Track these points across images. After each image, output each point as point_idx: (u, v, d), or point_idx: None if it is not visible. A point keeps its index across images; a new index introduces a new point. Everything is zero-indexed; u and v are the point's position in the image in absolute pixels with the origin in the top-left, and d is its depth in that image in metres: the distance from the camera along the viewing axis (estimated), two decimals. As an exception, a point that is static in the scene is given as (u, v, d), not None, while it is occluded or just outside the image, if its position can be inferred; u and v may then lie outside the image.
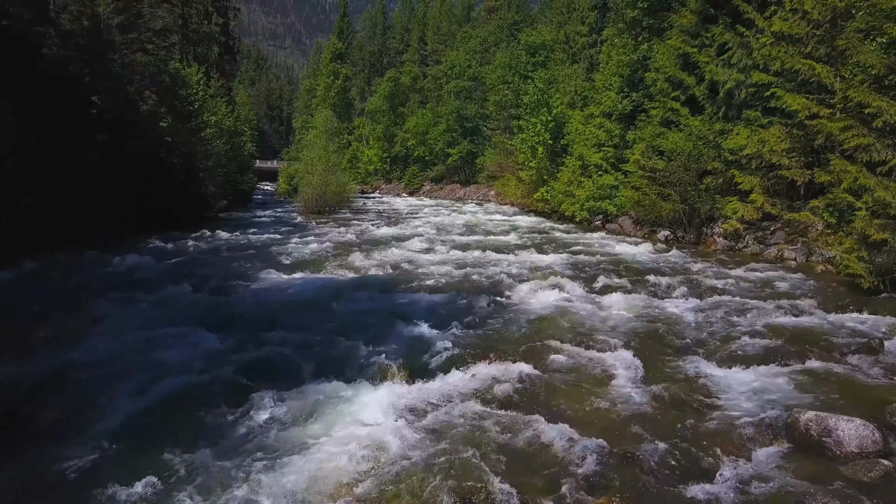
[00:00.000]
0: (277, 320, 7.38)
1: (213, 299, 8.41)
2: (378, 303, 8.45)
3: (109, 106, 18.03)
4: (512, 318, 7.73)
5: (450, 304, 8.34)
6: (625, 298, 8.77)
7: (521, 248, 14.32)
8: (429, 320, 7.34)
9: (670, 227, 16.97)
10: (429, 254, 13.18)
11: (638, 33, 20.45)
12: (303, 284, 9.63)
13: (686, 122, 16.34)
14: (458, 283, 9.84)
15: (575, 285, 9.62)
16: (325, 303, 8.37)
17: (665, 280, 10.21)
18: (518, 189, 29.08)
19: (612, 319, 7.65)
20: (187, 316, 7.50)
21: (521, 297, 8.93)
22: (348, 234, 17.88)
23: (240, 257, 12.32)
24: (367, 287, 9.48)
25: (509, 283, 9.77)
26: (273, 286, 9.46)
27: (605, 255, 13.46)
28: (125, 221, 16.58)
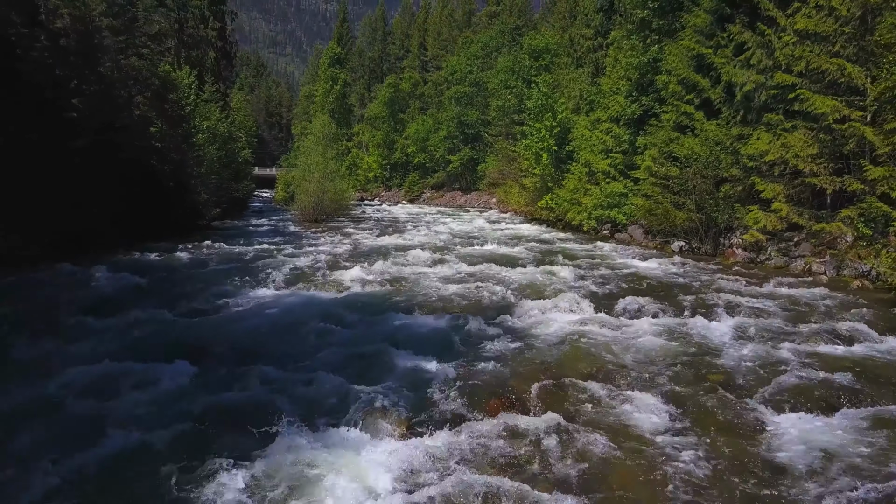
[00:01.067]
0: (257, 349, 6.45)
1: (186, 323, 7.48)
2: (373, 326, 7.52)
3: (95, 111, 17.22)
4: (524, 346, 6.80)
5: (453, 328, 7.42)
6: (648, 322, 7.84)
7: (528, 261, 13.40)
8: (430, 349, 6.41)
9: (685, 237, 16.05)
10: (429, 267, 12.27)
11: (647, 35, 19.63)
12: (290, 304, 8.70)
13: (701, 127, 15.47)
14: (461, 302, 8.92)
15: (591, 305, 8.69)
16: (314, 327, 7.43)
17: (689, 298, 9.29)
18: (521, 196, 28.22)
19: (638, 348, 6.72)
20: (154, 345, 6.57)
21: (533, 320, 7.99)
22: (344, 244, 16.98)
23: (225, 272, 11.40)
24: (361, 307, 8.55)
25: (518, 303, 8.84)
26: (257, 306, 8.54)
27: (619, 268, 12.54)
28: (110, 232, 15.69)
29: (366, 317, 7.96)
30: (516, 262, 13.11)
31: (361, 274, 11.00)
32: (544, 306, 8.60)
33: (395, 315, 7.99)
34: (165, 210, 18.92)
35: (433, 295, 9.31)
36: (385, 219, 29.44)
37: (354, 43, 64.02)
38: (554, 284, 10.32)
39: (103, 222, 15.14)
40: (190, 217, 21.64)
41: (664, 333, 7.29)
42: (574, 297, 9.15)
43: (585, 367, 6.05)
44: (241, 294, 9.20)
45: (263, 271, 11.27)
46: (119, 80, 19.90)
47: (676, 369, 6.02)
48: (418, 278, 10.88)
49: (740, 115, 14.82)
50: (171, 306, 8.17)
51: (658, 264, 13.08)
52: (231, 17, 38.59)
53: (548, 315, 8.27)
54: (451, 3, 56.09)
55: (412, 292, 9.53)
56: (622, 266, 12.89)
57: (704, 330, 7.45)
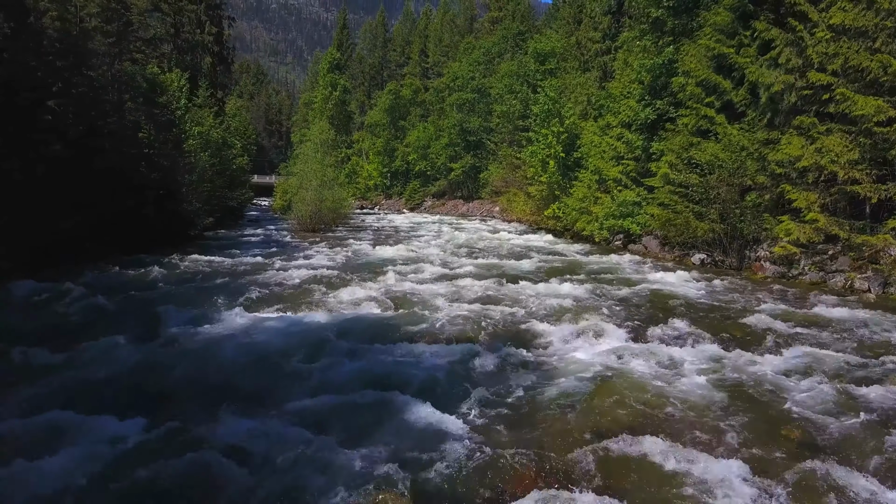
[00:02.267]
0: (227, 394, 5.35)
1: (148, 358, 6.36)
2: (369, 360, 6.40)
3: (78, 115, 16.23)
4: (549, 387, 5.68)
5: (464, 363, 6.30)
6: (690, 353, 6.72)
7: (541, 276, 12.30)
8: (437, 393, 5.31)
9: (706, 249, 14.96)
10: (432, 283, 11.16)
11: (660, 36, 18.66)
12: (273, 331, 7.59)
13: (724, 131, 14.43)
14: (470, 327, 7.80)
15: (620, 331, 7.58)
16: (298, 361, 6.33)
17: (728, 322, 8.19)
18: (527, 205, 27.15)
19: (687, 389, 5.60)
20: (105, 387, 5.47)
21: (555, 350, 6.88)
22: (341, 256, 15.88)
23: (206, 289, 10.29)
24: (355, 334, 7.43)
25: (536, 328, 7.73)
26: (235, 333, 7.42)
27: (640, 284, 11.43)
28: (89, 244, 14.61)
29: (360, 347, 6.84)
30: (528, 278, 12.00)
31: (357, 292, 9.89)
32: (566, 333, 7.49)
33: (395, 345, 6.87)
34: (153, 220, 17.86)
35: (438, 318, 8.19)
36: (385, 228, 28.37)
37: (354, 50, 63.29)
38: (573, 305, 9.21)
39: (81, 234, 14.07)
40: (180, 227, 20.57)
41: (711, 369, 6.17)
42: (598, 321, 8.06)
43: (630, 416, 4.94)
44: (218, 318, 8.08)
45: (249, 289, 10.17)
46: (108, 83, 18.97)
47: (740, 420, 4.90)
48: (420, 297, 9.77)
49: (767, 118, 13.77)
50: (134, 335, 7.05)
51: (682, 280, 11.97)
52: (228, 22, 37.76)
53: (572, 344, 7.16)
54: (453, 9, 55.40)
55: (414, 315, 8.42)
56: (643, 282, 11.78)
57: (757, 364, 6.34)
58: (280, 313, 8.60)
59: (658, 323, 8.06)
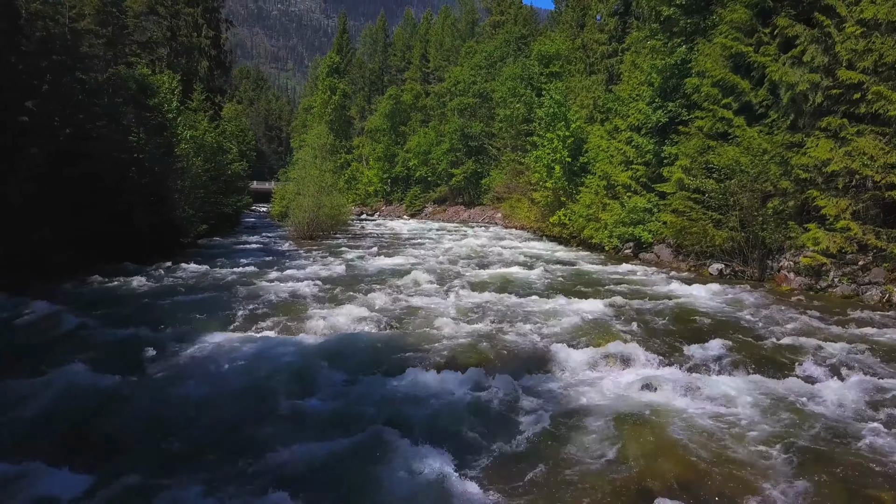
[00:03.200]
0: (193, 439, 4.49)
1: (108, 387, 5.49)
2: (363, 394, 5.54)
3: (64, 120, 15.45)
4: (575, 429, 4.82)
5: (471, 395, 5.44)
6: (733, 382, 5.87)
7: (551, 289, 11.43)
8: (443, 438, 4.45)
9: (725, 258, 14.10)
10: (434, 297, 10.30)
11: (671, 36, 17.90)
12: (258, 353, 6.73)
13: (742, 134, 13.62)
14: (478, 350, 6.94)
15: (648, 354, 6.72)
16: (282, 395, 5.47)
17: (767, 343, 7.32)
18: (531, 212, 26.34)
19: (740, 429, 4.74)
20: (48, 424, 4.62)
21: (577, 380, 6.02)
22: (338, 266, 15.02)
23: (190, 303, 9.45)
24: (349, 359, 6.57)
25: (553, 352, 6.86)
26: (213, 358, 6.56)
27: (660, 297, 10.57)
28: (69, 253, 13.77)
29: (354, 377, 5.98)
30: (537, 290, 11.15)
31: (353, 308, 9.03)
32: (587, 358, 6.62)
33: (393, 374, 6.01)
34: (142, 227, 17.03)
35: (441, 339, 7.33)
36: (385, 235, 27.55)
37: (354, 55, 62.69)
38: (590, 322, 8.35)
39: (60, 244, 13.24)
40: (172, 235, 19.75)
41: (764, 405, 5.31)
42: (622, 342, 7.19)
43: (678, 470, 4.07)
44: (196, 339, 7.22)
45: (234, 304, 9.31)
46: (100, 87, 18.15)
47: (812, 476, 4.03)
48: (422, 314, 8.91)
49: (789, 119, 12.96)
50: (95, 361, 6.18)
51: (703, 292, 11.10)
52: (226, 26, 37.10)
53: (595, 372, 6.29)
54: (454, 13, 54.84)
55: (415, 336, 7.55)
56: (662, 294, 10.92)
57: (816, 397, 5.47)
58: (266, 333, 7.74)
59: (689, 344, 7.20)
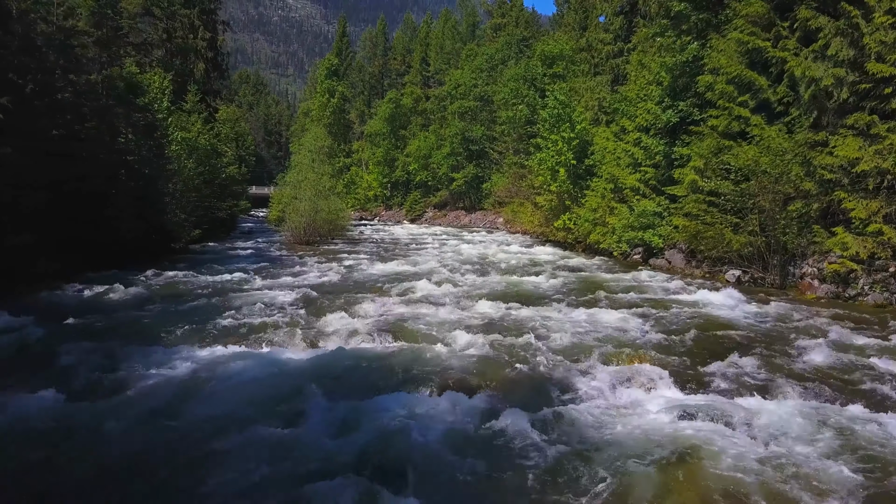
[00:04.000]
0: (136, 487, 3.69)
1: (60, 416, 4.72)
2: (354, 424, 4.76)
3: (46, 121, 14.73)
4: (602, 470, 4.04)
5: (479, 426, 4.67)
6: (778, 410, 5.09)
7: (560, 297, 10.66)
8: (447, 485, 3.65)
9: (743, 265, 13.34)
10: (435, 307, 9.53)
11: (681, 33, 17.21)
12: (239, 372, 5.96)
13: (761, 133, 12.89)
14: (484, 369, 6.16)
15: (678, 375, 5.95)
16: (256, 423, 4.70)
17: (808, 361, 6.55)
18: (534, 216, 25.58)
19: (796, 470, 3.97)
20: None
21: (598, 406, 5.24)
22: (334, 272, 14.27)
23: (168, 315, 8.68)
24: (340, 379, 5.81)
25: (568, 371, 6.09)
26: (188, 378, 5.79)
27: (678, 307, 9.79)
28: (52, 259, 13.02)
29: (345, 401, 5.21)
30: (546, 299, 10.38)
31: (348, 319, 8.26)
32: (607, 379, 5.85)
33: (389, 398, 5.24)
34: (131, 232, 16.29)
35: (444, 356, 6.55)
36: (384, 240, 26.80)
37: (354, 58, 62.15)
38: (606, 336, 7.57)
39: (39, 250, 12.49)
40: (162, 239, 19.01)
41: (823, 437, 4.53)
42: (643, 359, 6.43)
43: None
44: (171, 356, 6.45)
45: (219, 314, 8.54)
46: (90, 87, 17.44)
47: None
48: (422, 326, 8.14)
49: (812, 117, 12.23)
50: (50, 383, 5.39)
51: (724, 301, 10.32)
52: (223, 28, 36.54)
53: (618, 396, 5.52)
54: (455, 16, 54.33)
55: (414, 352, 6.78)
56: (680, 304, 10.14)
57: (881, 426, 4.69)
58: (246, 349, 6.96)
59: (721, 362, 6.42)
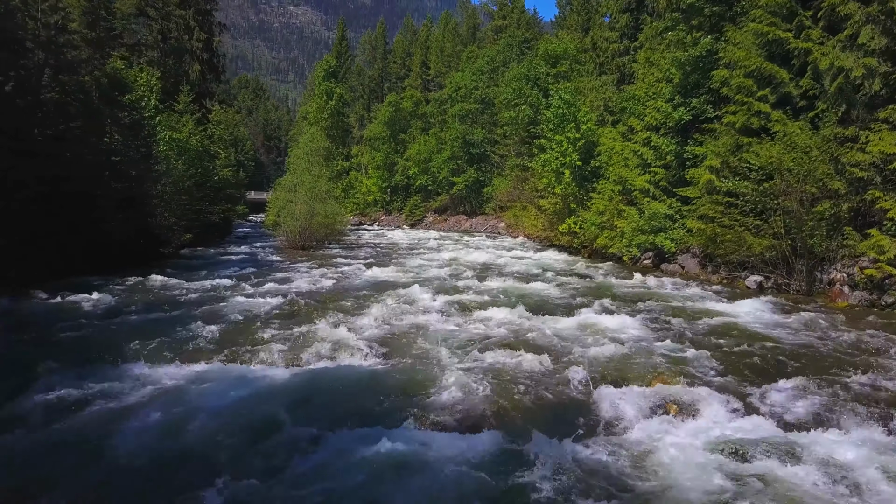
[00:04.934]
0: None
1: None
2: (332, 462, 3.89)
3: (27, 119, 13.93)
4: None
5: (490, 472, 3.77)
6: (858, 441, 4.20)
7: (572, 306, 9.79)
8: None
9: (764, 270, 12.47)
10: (435, 317, 8.65)
11: (692, 28, 16.43)
12: (207, 396, 5.09)
13: (783, 129, 12.05)
14: (493, 394, 5.29)
15: (716, 398, 5.09)
16: (220, 464, 3.83)
17: (867, 380, 5.68)
18: (538, 220, 24.75)
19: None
20: None
21: (633, 440, 4.37)
22: (327, 279, 13.41)
23: (141, 325, 7.82)
24: (324, 406, 4.94)
25: (591, 396, 5.22)
26: (139, 405, 4.91)
27: (703, 317, 8.90)
28: (24, 264, 12.18)
29: (324, 432, 4.33)
30: (556, 308, 9.51)
31: (337, 332, 7.39)
32: (641, 402, 4.98)
33: (377, 433, 4.34)
34: (116, 236, 15.45)
35: (445, 377, 5.67)
36: (382, 245, 25.94)
37: (353, 61, 61.51)
38: (632, 349, 6.70)
39: (13, 252, 11.66)
40: (151, 244, 18.15)
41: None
42: (677, 380, 5.56)
43: None
44: (126, 376, 5.58)
45: (193, 326, 7.67)
46: (79, 87, 16.58)
47: None
48: (420, 339, 7.27)
49: (840, 111, 11.40)
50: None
51: (750, 309, 9.46)
52: (220, 29, 35.84)
53: (653, 426, 4.65)
54: (455, 18, 53.71)
55: (410, 371, 5.90)
56: (704, 312, 9.25)
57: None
58: (221, 366, 6.08)
59: (762, 382, 5.56)
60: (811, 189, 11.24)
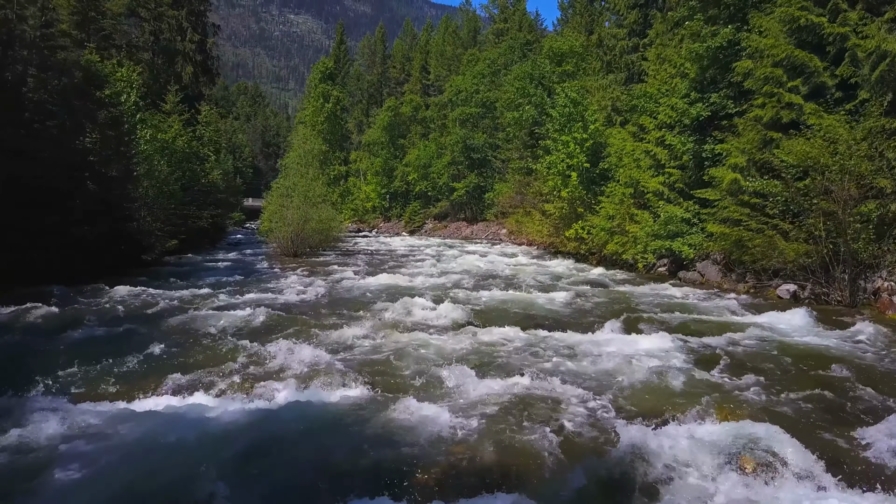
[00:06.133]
0: None
1: None
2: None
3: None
4: None
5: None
6: None
7: (591, 321, 8.55)
8: None
9: (798, 278, 11.24)
10: (434, 334, 7.43)
11: (708, 20, 15.32)
12: (129, 445, 3.86)
13: (819, 122, 10.88)
14: (501, 441, 4.04)
15: (805, 451, 3.83)
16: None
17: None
18: (542, 225, 23.52)
19: None
20: None
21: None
22: (316, 288, 12.18)
23: (92, 342, 6.62)
24: (283, 452, 3.72)
25: (631, 440, 3.99)
26: (47, 449, 3.69)
27: (749, 332, 7.64)
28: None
29: (288, 493, 3.08)
30: (573, 322, 8.28)
31: (313, 353, 6.16)
32: (701, 452, 3.73)
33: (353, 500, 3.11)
34: (89, 241, 14.25)
35: (438, 419, 4.42)
36: (379, 252, 24.73)
37: (352, 65, 60.61)
38: (671, 376, 5.47)
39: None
40: (131, 250, 16.92)
41: None
42: (743, 419, 4.31)
43: None
44: (59, 408, 4.35)
45: (145, 344, 6.45)
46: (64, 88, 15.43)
47: None
48: (412, 363, 6.04)
49: (887, 100, 10.22)
50: None
51: (800, 323, 8.22)
52: (214, 30, 34.91)
53: (728, 485, 3.39)
54: (456, 21, 52.86)
55: (396, 409, 4.65)
56: (742, 328, 7.99)
57: None
58: (166, 398, 4.85)
59: (851, 422, 4.32)
60: (853, 188, 10.04)
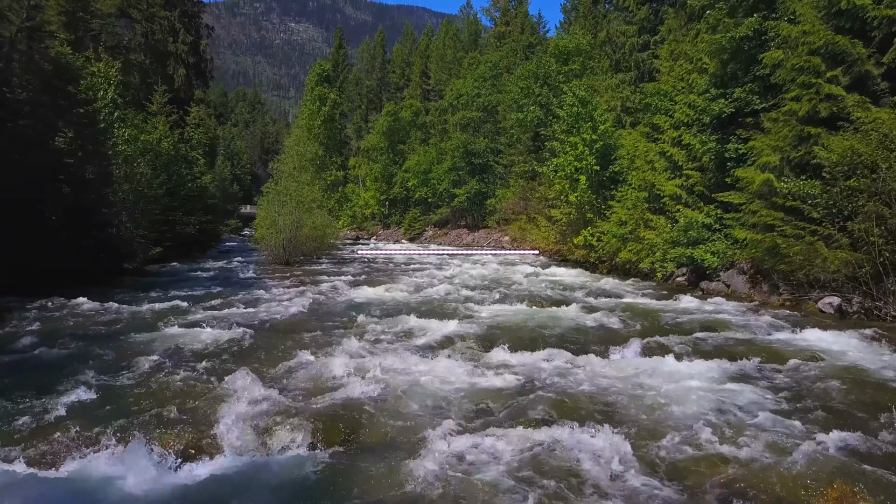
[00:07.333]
0: None
1: None
2: None
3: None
4: None
5: None
6: None
7: (617, 342, 7.31)
8: None
9: (842, 290, 10.02)
10: (430, 361, 6.21)
11: (732, 8, 14.22)
12: None
13: (865, 115, 9.71)
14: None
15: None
16: None
17: None
18: (548, 232, 22.36)
19: None
20: None
21: None
22: (304, 300, 10.96)
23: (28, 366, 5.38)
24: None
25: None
26: None
27: (810, 358, 6.41)
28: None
29: None
30: (597, 346, 7.06)
31: (288, 384, 4.95)
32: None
33: None
34: (62, 249, 13.10)
35: (447, 481, 3.20)
36: (377, 260, 23.52)
37: (351, 70, 59.70)
38: (751, 427, 4.23)
39: None
40: (111, 258, 15.73)
41: None
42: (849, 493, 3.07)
43: None
44: None
45: (85, 372, 5.23)
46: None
47: None
48: (409, 400, 4.82)
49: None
50: None
51: (859, 345, 7.01)
52: (207, 31, 33.93)
53: None
54: (456, 24, 52.00)
55: (392, 470, 3.42)
56: (802, 354, 6.74)
57: None
58: (88, 452, 3.63)
59: None
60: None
